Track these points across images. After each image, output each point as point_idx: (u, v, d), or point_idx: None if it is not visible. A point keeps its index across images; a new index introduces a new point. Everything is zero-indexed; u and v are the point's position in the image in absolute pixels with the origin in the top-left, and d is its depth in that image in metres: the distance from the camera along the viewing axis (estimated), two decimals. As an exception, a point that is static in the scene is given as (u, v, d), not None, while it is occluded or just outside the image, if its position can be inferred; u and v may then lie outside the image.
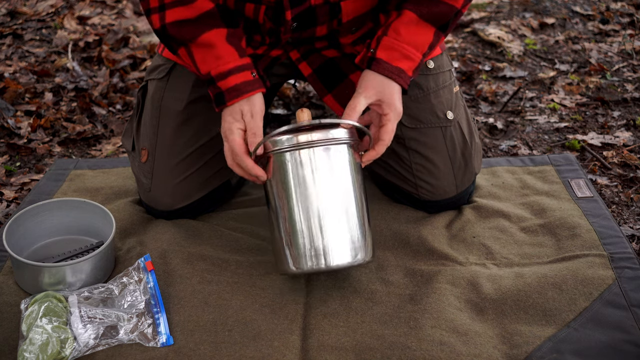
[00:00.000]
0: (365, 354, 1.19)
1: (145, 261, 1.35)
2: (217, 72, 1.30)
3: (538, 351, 1.19)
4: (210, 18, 1.31)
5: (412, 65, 1.32)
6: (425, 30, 1.32)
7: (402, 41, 1.31)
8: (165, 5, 1.31)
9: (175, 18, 1.30)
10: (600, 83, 2.23)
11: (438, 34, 1.34)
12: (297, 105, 2.13)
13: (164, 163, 1.49)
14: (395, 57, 1.30)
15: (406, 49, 1.31)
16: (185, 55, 1.34)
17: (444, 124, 1.50)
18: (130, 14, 2.86)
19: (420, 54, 1.32)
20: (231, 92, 1.29)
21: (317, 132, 1.25)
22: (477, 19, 2.75)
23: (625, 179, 1.75)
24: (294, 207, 1.25)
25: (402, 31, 1.31)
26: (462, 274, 1.37)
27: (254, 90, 1.30)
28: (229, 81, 1.29)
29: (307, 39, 1.46)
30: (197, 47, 1.31)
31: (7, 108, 2.10)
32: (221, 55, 1.30)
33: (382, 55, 1.31)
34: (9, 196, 1.73)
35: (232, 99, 1.29)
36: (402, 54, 1.31)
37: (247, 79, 1.30)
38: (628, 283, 1.33)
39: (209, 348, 1.21)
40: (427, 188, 1.52)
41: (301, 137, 1.25)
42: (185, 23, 1.30)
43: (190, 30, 1.30)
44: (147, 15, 1.34)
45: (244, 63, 1.31)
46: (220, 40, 1.30)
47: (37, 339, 1.17)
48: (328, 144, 1.25)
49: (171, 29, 1.31)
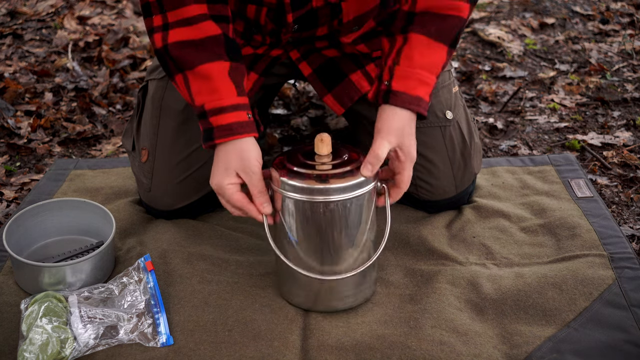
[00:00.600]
0: (365, 354, 1.19)
1: (145, 261, 1.35)
2: (210, 106, 1.23)
3: (538, 351, 1.19)
4: (215, 45, 1.25)
5: (429, 90, 1.26)
6: (437, 50, 1.27)
7: (416, 67, 1.25)
8: (169, 25, 1.26)
9: (179, 38, 1.25)
10: (600, 83, 2.23)
11: (450, 51, 1.28)
12: (297, 105, 2.13)
13: (164, 163, 1.49)
14: (412, 86, 1.25)
15: (421, 75, 1.25)
16: (181, 82, 1.27)
17: (443, 123, 1.50)
18: (130, 14, 2.86)
19: (434, 76, 1.27)
20: (222, 130, 1.22)
21: (336, 183, 1.17)
22: (477, 19, 2.75)
23: (625, 179, 1.75)
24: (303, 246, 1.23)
25: (415, 57, 1.25)
26: (462, 274, 1.37)
27: (246, 134, 1.22)
28: (222, 118, 1.22)
29: (307, 38, 1.46)
30: (194, 77, 1.25)
31: (7, 108, 2.10)
32: (218, 89, 1.23)
33: (398, 87, 1.24)
34: (9, 196, 1.73)
35: (221, 137, 1.22)
36: (419, 80, 1.25)
37: (241, 120, 1.23)
38: (628, 283, 1.33)
39: (209, 348, 1.21)
40: (427, 188, 1.51)
41: (317, 190, 1.16)
42: (188, 45, 1.25)
43: (191, 54, 1.24)
44: (150, 35, 1.29)
45: (240, 102, 1.24)
46: (220, 74, 1.24)
47: (37, 339, 1.17)
48: (347, 198, 1.18)
49: (173, 49, 1.25)
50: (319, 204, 1.17)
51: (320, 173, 1.18)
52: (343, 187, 1.17)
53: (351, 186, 1.17)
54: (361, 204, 1.20)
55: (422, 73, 1.25)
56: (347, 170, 1.19)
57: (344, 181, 1.17)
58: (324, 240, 1.21)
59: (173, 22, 1.25)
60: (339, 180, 1.17)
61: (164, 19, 1.26)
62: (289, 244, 1.23)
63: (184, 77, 1.26)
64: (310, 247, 1.22)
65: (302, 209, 1.19)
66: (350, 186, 1.17)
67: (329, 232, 1.20)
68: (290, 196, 1.18)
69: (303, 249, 1.22)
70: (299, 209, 1.19)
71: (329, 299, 1.27)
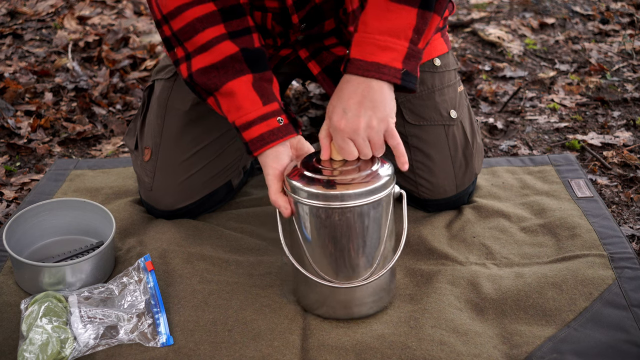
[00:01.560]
0: (365, 354, 1.19)
1: (145, 261, 1.35)
2: (240, 122, 1.25)
3: (538, 351, 1.19)
4: (236, 62, 1.25)
5: (397, 55, 1.16)
6: (400, 13, 1.16)
7: (373, 32, 1.17)
8: (190, 55, 1.27)
9: (200, 65, 1.26)
10: (600, 83, 2.23)
11: (422, 13, 1.17)
12: (297, 105, 2.13)
13: (167, 162, 1.49)
14: (369, 52, 1.16)
15: (380, 40, 1.16)
16: (214, 104, 1.29)
17: (447, 122, 1.50)
18: (130, 14, 2.86)
19: (404, 41, 1.17)
20: (255, 142, 1.24)
21: (352, 189, 1.15)
22: (477, 19, 2.75)
23: (625, 179, 1.75)
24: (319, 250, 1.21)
25: (370, 21, 1.17)
26: (462, 273, 1.37)
27: (279, 139, 1.23)
28: (252, 132, 1.24)
29: (316, 36, 1.45)
30: (222, 97, 1.27)
31: (7, 108, 2.10)
32: (242, 105, 1.24)
33: (355, 54, 1.18)
34: (9, 196, 1.73)
35: (256, 149, 1.24)
36: (377, 46, 1.16)
37: (271, 128, 1.23)
38: (628, 283, 1.33)
39: (209, 348, 1.21)
40: (427, 186, 1.51)
41: (332, 196, 1.14)
42: (210, 70, 1.26)
43: (214, 77, 1.25)
44: (177, 67, 1.31)
45: (267, 111, 1.24)
46: (242, 89, 1.24)
47: (37, 339, 1.17)
48: (364, 204, 1.16)
49: (197, 77, 1.27)
50: (335, 210, 1.15)
51: (335, 179, 1.17)
52: (359, 192, 1.15)
53: (367, 192, 1.15)
54: (378, 210, 1.18)
55: (382, 38, 1.16)
56: (363, 174, 1.17)
57: (359, 187, 1.15)
58: (340, 247, 1.19)
59: (192, 50, 1.27)
60: (355, 186, 1.15)
61: (184, 49, 1.28)
62: (304, 252, 1.22)
63: (214, 99, 1.28)
64: (326, 255, 1.21)
65: (317, 216, 1.17)
66: (366, 192, 1.15)
67: (345, 240, 1.18)
68: (305, 203, 1.17)
69: (319, 256, 1.21)
70: (314, 216, 1.18)
71: (347, 307, 1.25)
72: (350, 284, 1.21)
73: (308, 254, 1.22)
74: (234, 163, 1.56)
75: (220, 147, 1.51)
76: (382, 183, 1.16)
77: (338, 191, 1.14)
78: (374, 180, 1.16)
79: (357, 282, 1.21)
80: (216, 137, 1.49)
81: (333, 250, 1.20)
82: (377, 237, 1.20)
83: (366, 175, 1.16)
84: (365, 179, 1.16)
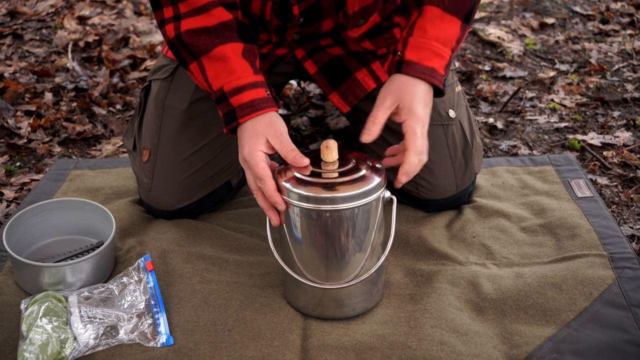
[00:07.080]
0: (365, 354, 1.19)
1: (145, 261, 1.35)
2: (230, 87, 1.24)
3: (538, 351, 1.19)
4: (228, 30, 1.27)
5: (443, 62, 1.26)
6: (451, 24, 1.26)
7: (430, 38, 1.25)
8: (180, 15, 1.27)
9: (192, 26, 1.26)
10: (600, 83, 2.23)
11: (464, 27, 1.28)
12: (296, 105, 2.13)
13: (165, 162, 1.49)
14: (426, 57, 1.24)
15: (435, 47, 1.25)
16: (197, 70, 1.29)
17: (445, 122, 1.50)
18: (130, 14, 2.86)
19: (449, 50, 1.26)
20: (245, 108, 1.22)
21: (343, 191, 1.14)
22: (477, 19, 2.75)
23: (625, 179, 1.75)
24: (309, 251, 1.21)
25: (429, 28, 1.25)
26: (462, 273, 1.37)
27: (269, 108, 1.23)
28: (243, 97, 1.23)
29: (312, 36, 1.46)
30: (210, 61, 1.26)
31: (7, 108, 2.10)
32: (235, 69, 1.24)
33: (411, 57, 1.24)
34: (9, 196, 1.73)
35: (244, 115, 1.22)
36: (432, 52, 1.25)
37: (261, 96, 1.23)
38: (628, 283, 1.33)
39: (209, 348, 1.21)
40: (427, 187, 1.51)
41: (323, 198, 1.14)
42: (201, 32, 1.26)
43: (205, 40, 1.26)
44: (161, 27, 1.30)
45: (258, 80, 1.25)
46: (235, 55, 1.25)
47: (37, 339, 1.17)
48: (355, 206, 1.15)
49: (186, 37, 1.26)
50: (326, 212, 1.15)
51: (326, 181, 1.16)
52: (351, 195, 1.14)
53: (359, 194, 1.15)
54: (369, 212, 1.18)
55: (437, 45, 1.25)
56: (354, 177, 1.17)
57: (351, 189, 1.15)
58: (331, 249, 1.19)
59: (185, 12, 1.27)
60: (346, 188, 1.15)
61: (175, 10, 1.28)
62: (294, 253, 1.22)
63: (199, 64, 1.27)
64: (316, 256, 1.21)
65: (308, 218, 1.17)
66: (358, 194, 1.15)
67: (335, 241, 1.18)
68: (296, 204, 1.17)
69: (308, 258, 1.21)
70: (304, 218, 1.18)
71: (335, 307, 1.26)
72: (338, 284, 1.22)
73: (296, 256, 1.22)
74: (233, 162, 1.56)
75: (219, 146, 1.51)
76: (372, 186, 1.16)
77: (329, 194, 1.14)
78: (364, 184, 1.16)
79: (344, 283, 1.22)
80: (214, 136, 1.49)
81: (321, 252, 1.20)
82: (365, 239, 1.20)
83: (357, 178, 1.17)
84: (355, 181, 1.16)
